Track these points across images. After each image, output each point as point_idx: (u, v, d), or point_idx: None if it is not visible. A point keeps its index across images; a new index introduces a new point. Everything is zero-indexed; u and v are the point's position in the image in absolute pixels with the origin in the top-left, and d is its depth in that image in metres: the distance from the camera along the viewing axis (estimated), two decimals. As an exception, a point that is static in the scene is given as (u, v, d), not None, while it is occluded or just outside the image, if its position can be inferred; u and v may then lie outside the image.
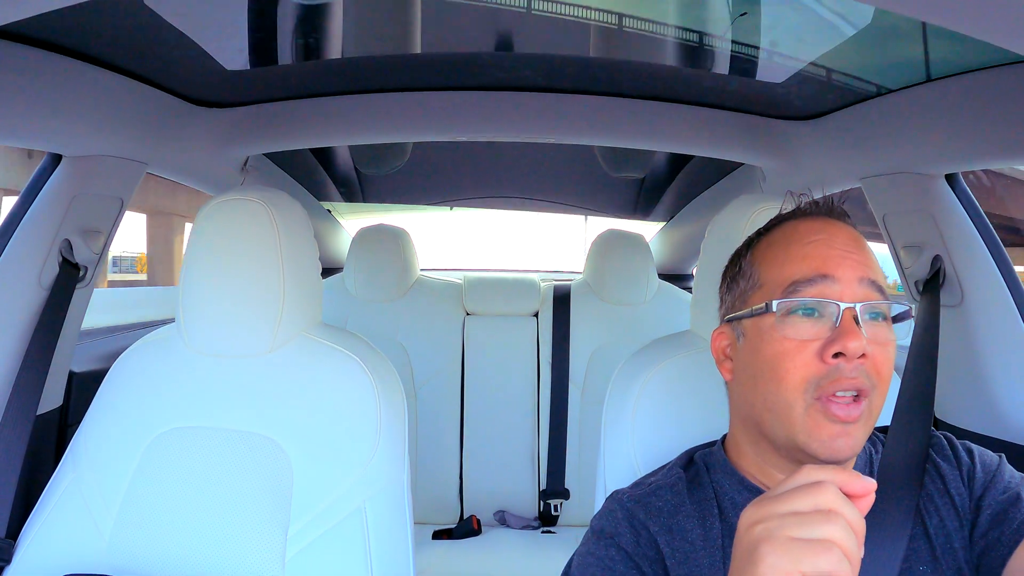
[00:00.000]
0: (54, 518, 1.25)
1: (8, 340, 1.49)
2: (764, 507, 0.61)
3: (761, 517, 0.60)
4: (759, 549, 0.58)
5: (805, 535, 0.57)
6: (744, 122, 1.82)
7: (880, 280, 0.89)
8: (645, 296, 2.71)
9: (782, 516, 0.58)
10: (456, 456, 2.65)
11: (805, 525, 0.57)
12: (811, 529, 0.57)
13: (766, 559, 0.57)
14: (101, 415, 1.33)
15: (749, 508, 0.62)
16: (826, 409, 0.83)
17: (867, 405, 0.84)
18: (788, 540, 0.57)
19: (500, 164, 2.86)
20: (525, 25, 1.43)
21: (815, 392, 0.84)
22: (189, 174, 2.01)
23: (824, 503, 0.58)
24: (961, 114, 1.32)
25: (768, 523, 0.59)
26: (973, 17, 0.65)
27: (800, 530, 0.57)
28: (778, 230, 0.97)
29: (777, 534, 0.58)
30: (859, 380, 0.83)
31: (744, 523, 0.62)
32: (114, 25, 1.26)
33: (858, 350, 0.82)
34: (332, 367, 1.30)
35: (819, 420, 0.84)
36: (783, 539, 0.57)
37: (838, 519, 0.57)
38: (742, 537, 0.62)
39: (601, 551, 0.93)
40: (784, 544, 0.57)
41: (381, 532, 1.21)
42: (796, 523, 0.57)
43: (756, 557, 0.58)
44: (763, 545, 0.58)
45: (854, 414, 0.83)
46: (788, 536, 0.57)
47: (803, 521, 0.57)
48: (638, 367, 1.31)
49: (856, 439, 0.84)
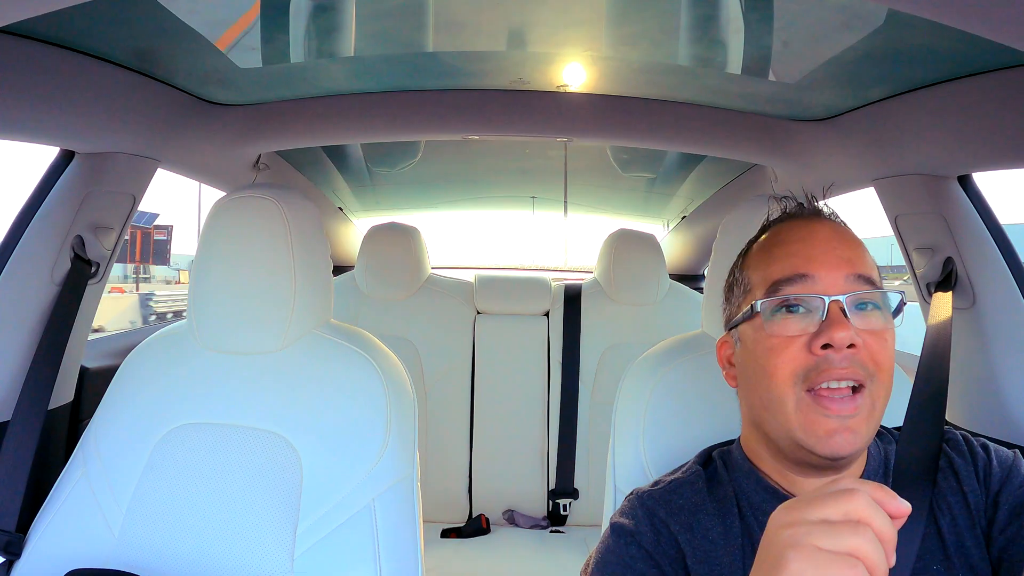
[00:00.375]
0: (64, 513, 1.26)
1: (20, 335, 1.50)
2: (795, 511, 0.60)
3: (791, 521, 0.59)
4: (785, 555, 0.57)
5: (831, 546, 0.56)
6: (756, 122, 1.82)
7: (869, 272, 0.89)
8: (656, 296, 2.70)
9: (811, 524, 0.58)
10: (465, 455, 2.65)
11: (833, 535, 0.56)
12: (838, 540, 0.56)
13: (790, 566, 0.57)
14: (112, 411, 1.33)
15: (780, 510, 0.62)
16: (818, 402, 0.83)
17: (867, 398, 0.84)
18: (814, 549, 0.56)
19: (512, 163, 2.86)
20: (536, 23, 1.43)
21: (804, 384, 0.84)
22: (201, 171, 2.02)
23: (855, 512, 0.57)
24: (973, 116, 1.31)
25: (797, 529, 0.58)
26: (985, 17, 0.64)
27: (827, 540, 0.56)
28: (765, 235, 0.99)
29: (804, 541, 0.57)
30: (851, 370, 0.83)
31: (773, 525, 0.62)
32: (127, 23, 1.26)
33: (845, 340, 0.82)
34: (342, 365, 1.31)
35: (813, 415, 0.84)
36: (809, 547, 0.56)
37: (866, 531, 0.56)
38: (770, 539, 0.61)
39: (621, 549, 0.93)
40: (810, 553, 0.56)
41: (390, 530, 1.21)
42: (824, 532, 0.57)
43: (781, 563, 0.57)
44: (789, 551, 0.57)
45: (849, 407, 0.82)
46: (815, 545, 0.56)
47: (831, 531, 0.57)
48: (649, 367, 1.30)
49: (858, 434, 0.83)
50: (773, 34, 1.37)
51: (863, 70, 1.39)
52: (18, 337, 1.50)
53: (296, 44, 1.52)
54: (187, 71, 1.55)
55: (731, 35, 1.41)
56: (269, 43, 1.50)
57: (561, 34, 1.46)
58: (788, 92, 1.61)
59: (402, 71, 1.69)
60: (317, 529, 1.19)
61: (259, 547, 1.19)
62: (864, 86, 1.48)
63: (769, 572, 0.59)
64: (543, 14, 1.38)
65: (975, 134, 1.34)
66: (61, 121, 1.40)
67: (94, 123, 1.47)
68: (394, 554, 1.21)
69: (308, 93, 1.80)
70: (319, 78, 1.72)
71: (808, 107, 1.69)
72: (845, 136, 1.68)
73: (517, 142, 2.41)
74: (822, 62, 1.40)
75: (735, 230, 1.27)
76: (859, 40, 1.26)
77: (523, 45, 1.55)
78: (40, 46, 1.25)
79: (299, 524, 1.19)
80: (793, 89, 1.58)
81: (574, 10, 1.34)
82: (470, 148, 2.59)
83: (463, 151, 2.65)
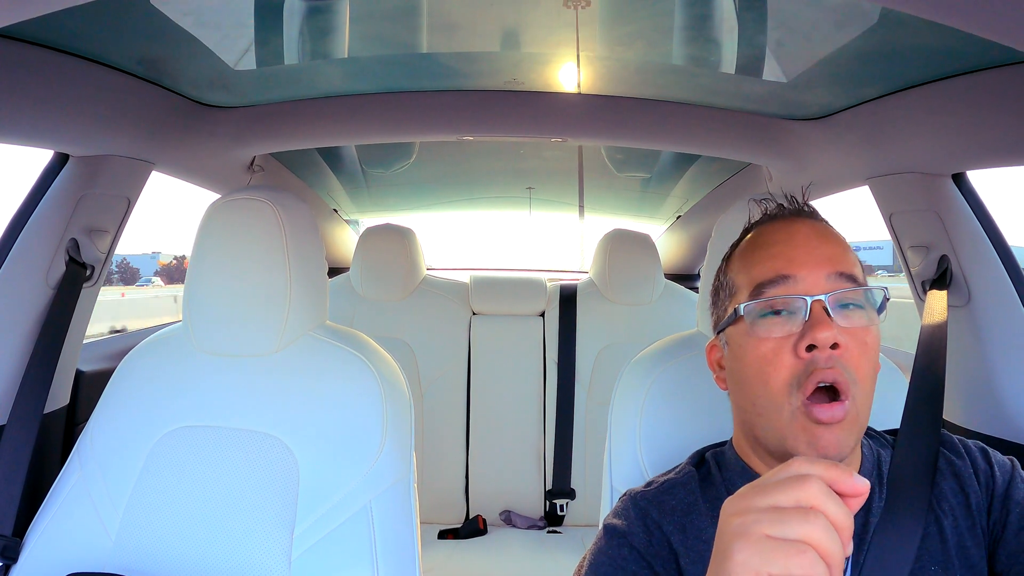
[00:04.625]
0: (61, 516, 1.26)
1: (15, 339, 1.50)
2: (745, 499, 0.58)
3: (740, 509, 0.57)
4: (733, 544, 0.55)
5: (779, 533, 0.53)
6: (751, 122, 1.82)
7: (851, 270, 0.89)
8: (652, 296, 2.70)
9: (760, 511, 0.55)
10: (462, 456, 2.65)
11: (781, 523, 0.54)
12: (787, 528, 0.53)
13: (736, 556, 0.54)
14: (108, 414, 1.33)
15: (731, 499, 0.60)
16: (809, 412, 0.83)
17: (851, 405, 0.83)
18: (762, 538, 0.54)
19: (507, 161, 2.86)
20: (531, 24, 1.43)
21: (799, 392, 0.84)
22: (196, 174, 2.01)
23: (806, 499, 0.55)
24: (968, 114, 1.31)
25: (746, 517, 0.56)
26: (978, 15, 0.64)
27: (775, 528, 0.54)
28: (747, 238, 0.99)
29: (752, 530, 0.55)
30: (835, 372, 0.83)
31: (724, 513, 0.59)
32: (122, 26, 1.26)
33: (828, 340, 0.82)
34: (338, 367, 1.30)
35: (804, 423, 0.84)
36: (757, 536, 0.54)
37: (818, 518, 0.53)
38: (721, 529, 0.59)
39: (614, 550, 0.93)
40: (757, 542, 0.54)
41: (387, 532, 1.21)
42: (773, 520, 0.54)
43: (729, 552, 0.55)
44: (736, 541, 0.55)
45: (838, 415, 0.82)
46: (763, 533, 0.54)
47: (780, 518, 0.54)
48: (645, 367, 1.31)
49: (842, 440, 0.84)
50: (767, 33, 1.37)
51: (857, 69, 1.40)
52: (13, 340, 1.50)
53: (290, 46, 1.52)
54: (181, 73, 1.55)
55: (725, 35, 1.42)
56: (263, 45, 1.50)
57: (555, 34, 1.46)
58: (782, 91, 1.61)
59: (397, 72, 1.69)
60: (314, 531, 1.19)
61: (256, 549, 1.19)
62: (858, 85, 1.48)
63: (719, 564, 0.57)
64: (537, 15, 1.38)
65: (969, 132, 1.35)
66: (55, 124, 1.40)
67: (88, 126, 1.47)
68: (391, 555, 1.21)
69: (303, 95, 1.80)
70: (314, 80, 1.72)
71: (802, 106, 1.70)
72: (839, 135, 1.68)
73: (512, 143, 2.41)
74: (816, 61, 1.40)
75: (730, 229, 1.27)
76: (853, 39, 1.26)
77: (517, 46, 1.55)
78: (34, 49, 1.25)
79: (296, 526, 1.19)
80: (787, 88, 1.58)
81: (568, 10, 1.34)
82: (465, 149, 2.59)
83: (458, 152, 2.65)
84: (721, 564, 0.56)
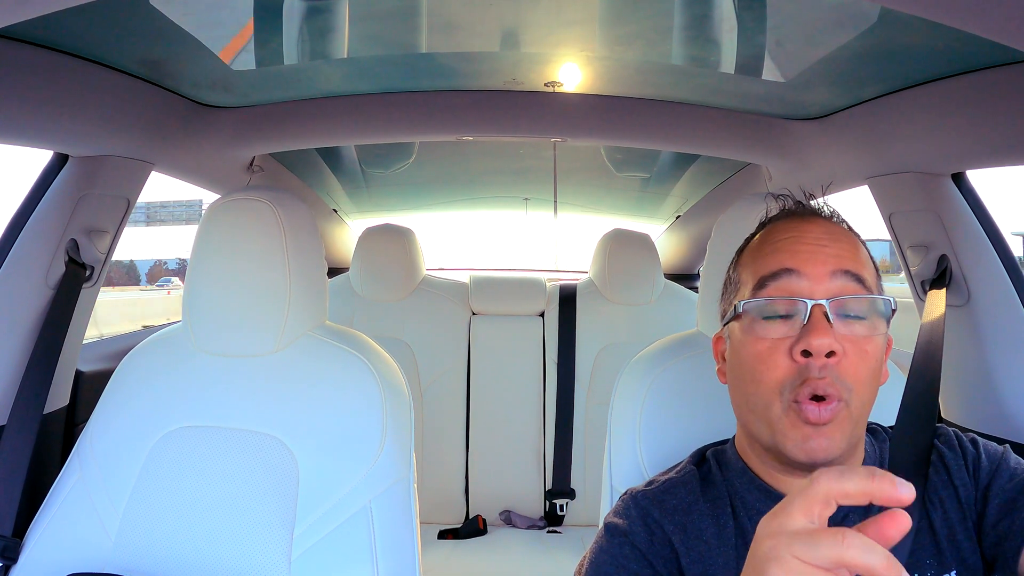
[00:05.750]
0: (60, 517, 1.26)
1: (15, 339, 1.50)
2: (777, 519, 0.55)
3: (772, 531, 0.54)
4: (766, 569, 0.53)
5: (811, 558, 0.50)
6: (751, 122, 1.82)
7: (860, 270, 0.88)
8: (651, 296, 2.70)
9: (792, 534, 0.52)
10: (462, 456, 2.65)
11: (811, 546, 0.51)
12: (816, 551, 0.50)
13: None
14: (108, 414, 1.33)
15: (766, 518, 0.57)
16: (800, 411, 0.83)
17: (842, 407, 0.83)
18: (795, 562, 0.51)
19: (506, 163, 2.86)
20: (530, 24, 1.43)
21: (790, 394, 0.84)
22: (195, 174, 2.01)
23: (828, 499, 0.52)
24: (967, 113, 1.31)
25: (778, 540, 0.53)
26: (978, 15, 0.64)
27: (806, 551, 0.51)
28: (759, 234, 0.98)
29: (785, 554, 0.52)
30: (826, 383, 0.82)
31: (759, 534, 0.56)
32: (121, 26, 1.26)
33: (824, 347, 0.81)
34: (338, 367, 1.30)
35: (794, 422, 0.84)
36: (790, 560, 0.51)
37: (854, 538, 0.49)
38: (756, 549, 0.56)
39: (615, 549, 0.93)
40: (791, 567, 0.51)
41: (387, 532, 1.21)
42: (803, 543, 0.51)
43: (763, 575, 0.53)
44: (770, 565, 0.52)
45: (825, 415, 0.82)
46: (795, 556, 0.51)
47: (809, 541, 0.51)
48: (644, 367, 1.31)
49: (833, 441, 0.83)
50: (767, 33, 1.37)
51: (856, 68, 1.40)
52: (13, 341, 1.50)
53: (290, 46, 1.52)
54: (181, 74, 1.55)
55: (725, 34, 1.42)
56: (263, 45, 1.50)
57: (555, 34, 1.46)
58: (782, 91, 1.61)
59: (396, 72, 1.69)
60: (314, 531, 1.19)
61: (256, 550, 1.19)
62: (858, 84, 1.48)
63: None
64: (537, 15, 1.38)
65: (969, 132, 1.35)
66: (55, 125, 1.40)
67: (88, 126, 1.46)
68: (391, 556, 1.21)
69: (302, 95, 1.80)
70: (313, 80, 1.72)
71: (802, 106, 1.70)
72: (839, 134, 1.68)
73: (511, 143, 2.41)
74: (815, 61, 1.40)
75: (730, 229, 1.27)
76: (852, 38, 1.26)
77: (517, 46, 1.55)
78: (33, 50, 1.25)
79: (296, 526, 1.19)
80: (787, 88, 1.58)
81: (568, 10, 1.35)
82: (464, 149, 2.59)
83: (457, 152, 2.65)
84: None
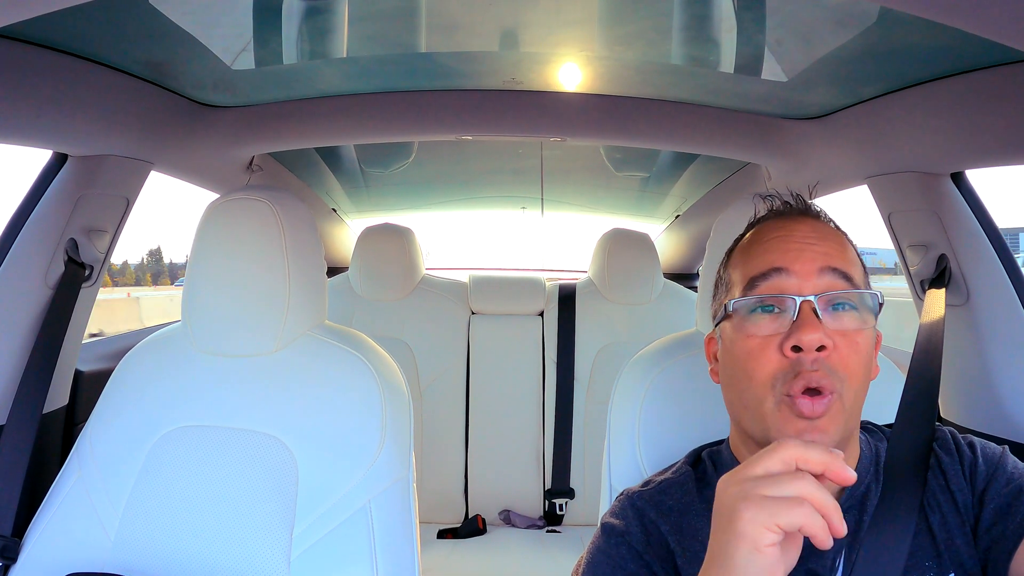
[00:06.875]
0: (60, 516, 1.26)
1: (14, 339, 1.50)
2: (739, 472, 0.67)
3: (736, 480, 0.67)
4: (737, 507, 0.64)
5: (778, 493, 0.63)
6: (750, 121, 1.82)
7: (847, 267, 0.89)
8: (651, 295, 2.70)
9: (756, 478, 0.65)
10: (461, 455, 2.66)
11: (777, 484, 0.63)
12: (783, 487, 0.63)
13: (744, 514, 0.63)
14: (107, 414, 1.33)
15: (724, 477, 0.69)
16: (792, 405, 0.83)
17: (835, 400, 0.83)
18: (762, 498, 0.63)
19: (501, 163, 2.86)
20: (530, 24, 1.43)
21: (783, 388, 0.84)
22: (195, 173, 2.01)
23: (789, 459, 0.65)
24: (967, 113, 1.31)
25: (743, 485, 0.65)
26: (977, 14, 0.64)
27: (773, 488, 0.63)
28: (749, 234, 1.00)
29: (752, 493, 0.64)
30: (819, 375, 0.83)
31: (721, 488, 0.69)
32: (120, 26, 1.26)
33: (814, 342, 0.82)
34: (337, 367, 1.30)
35: (787, 416, 0.84)
36: (758, 497, 0.63)
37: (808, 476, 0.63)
38: (721, 501, 0.68)
39: (612, 549, 0.94)
40: (759, 501, 0.63)
41: (386, 531, 1.21)
42: (769, 483, 0.64)
43: (735, 515, 0.64)
44: (740, 503, 0.64)
45: (819, 409, 0.83)
46: (762, 494, 0.63)
47: (775, 481, 0.64)
48: (644, 367, 1.31)
49: (827, 434, 0.84)
50: (766, 33, 1.37)
51: (856, 68, 1.40)
52: (12, 341, 1.50)
53: (289, 45, 1.52)
54: (180, 73, 1.55)
55: (724, 34, 1.42)
56: (262, 44, 1.49)
57: (555, 34, 1.46)
58: (781, 91, 1.61)
59: (396, 72, 1.69)
60: (313, 531, 1.19)
61: (255, 550, 1.19)
62: (857, 84, 1.48)
63: (725, 528, 0.65)
64: (536, 15, 1.38)
65: (968, 131, 1.35)
66: (54, 124, 1.40)
67: (87, 126, 1.46)
68: (391, 555, 1.21)
69: (302, 94, 1.80)
70: (313, 79, 1.72)
71: (801, 105, 1.70)
72: (838, 134, 1.68)
73: (511, 143, 2.41)
74: (815, 60, 1.40)
75: (729, 228, 1.27)
76: (852, 38, 1.26)
77: (516, 45, 1.55)
78: (32, 49, 1.25)
79: (295, 526, 1.19)
80: (786, 88, 1.58)
81: (568, 10, 1.34)
82: (464, 149, 2.59)
83: (457, 152, 2.65)
84: (728, 527, 0.65)
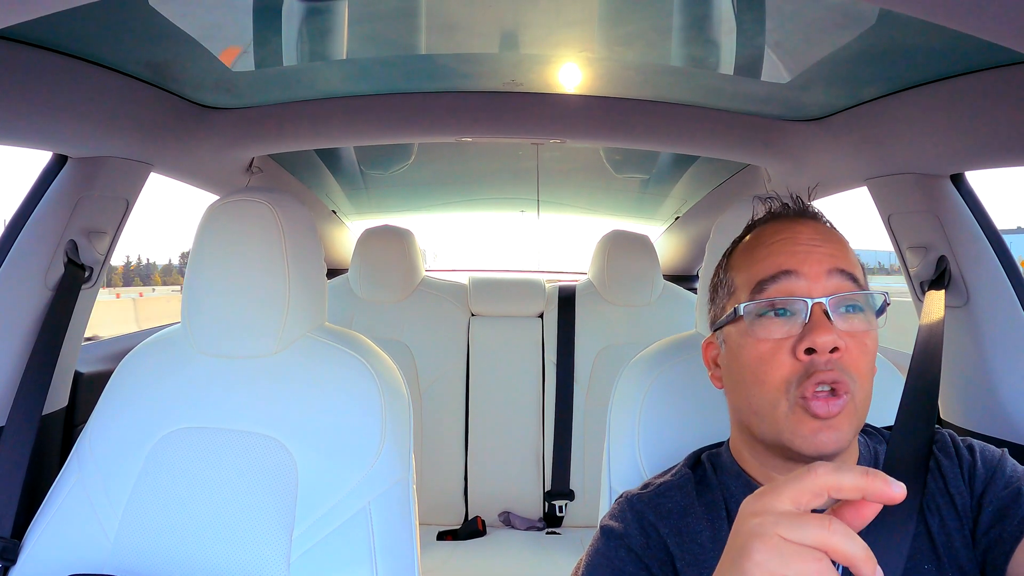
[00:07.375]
0: (59, 518, 1.26)
1: (14, 340, 1.50)
2: (763, 498, 0.58)
3: (758, 510, 0.57)
4: (749, 545, 0.55)
5: (796, 538, 0.54)
6: (750, 123, 1.82)
7: (852, 269, 0.89)
8: (650, 297, 2.70)
9: (778, 513, 0.55)
10: (461, 457, 2.66)
11: (799, 527, 0.54)
12: (804, 532, 0.53)
13: (754, 556, 0.54)
14: (107, 416, 1.33)
15: (750, 498, 0.60)
16: (807, 407, 0.83)
17: (849, 400, 0.84)
18: (779, 540, 0.54)
19: (503, 165, 2.86)
20: (530, 25, 1.43)
21: (796, 391, 0.84)
22: (194, 175, 2.01)
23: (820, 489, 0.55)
24: (966, 114, 1.31)
25: (764, 518, 0.56)
26: (977, 16, 0.64)
27: (793, 531, 0.54)
28: (749, 236, 0.99)
29: (770, 531, 0.55)
30: (834, 374, 0.83)
31: (742, 513, 0.59)
32: (120, 27, 1.26)
33: (828, 344, 0.82)
34: (337, 368, 1.30)
35: (802, 418, 0.84)
36: (774, 538, 0.54)
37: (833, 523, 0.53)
38: (738, 527, 0.59)
39: (611, 552, 0.94)
40: (774, 544, 0.54)
41: (386, 533, 1.21)
42: (790, 523, 0.54)
43: (745, 552, 0.55)
44: (754, 541, 0.55)
45: (834, 410, 0.83)
46: (780, 535, 0.54)
47: (798, 523, 0.54)
48: (643, 368, 1.31)
49: (842, 433, 0.84)
50: (766, 34, 1.37)
51: (855, 70, 1.40)
52: (12, 342, 1.49)
53: (289, 47, 1.52)
54: (180, 75, 1.55)
55: (724, 35, 1.42)
56: (262, 46, 1.49)
57: (554, 35, 1.46)
58: (781, 92, 1.61)
59: (396, 73, 1.69)
60: (313, 533, 1.19)
61: (255, 551, 1.19)
62: (856, 85, 1.48)
63: (734, 560, 0.57)
64: (536, 15, 1.38)
65: (968, 133, 1.35)
66: (54, 126, 1.40)
67: (87, 127, 1.46)
68: (390, 557, 1.21)
69: (301, 96, 1.80)
70: (312, 81, 1.72)
71: (801, 107, 1.70)
72: (838, 135, 1.68)
73: (511, 144, 2.41)
74: (814, 62, 1.40)
75: (728, 230, 1.27)
76: (851, 40, 1.26)
77: (516, 47, 1.55)
78: (32, 51, 1.25)
79: (295, 528, 1.19)
80: (786, 89, 1.58)
81: (567, 11, 1.34)
82: (464, 150, 2.59)
83: (456, 153, 2.65)
84: (737, 561, 0.56)
